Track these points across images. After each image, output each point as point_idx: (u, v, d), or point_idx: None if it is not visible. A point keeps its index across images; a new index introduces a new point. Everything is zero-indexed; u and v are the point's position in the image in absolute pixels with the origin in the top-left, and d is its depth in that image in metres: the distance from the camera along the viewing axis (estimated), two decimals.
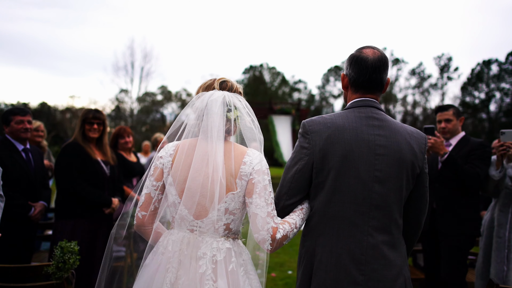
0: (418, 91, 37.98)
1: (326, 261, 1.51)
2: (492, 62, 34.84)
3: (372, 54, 1.59)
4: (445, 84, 37.02)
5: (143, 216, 1.58)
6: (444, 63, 36.92)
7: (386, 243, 1.52)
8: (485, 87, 34.60)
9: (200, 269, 1.45)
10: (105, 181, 3.11)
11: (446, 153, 2.88)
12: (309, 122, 1.60)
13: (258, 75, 43.57)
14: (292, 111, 8.65)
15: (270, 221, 1.46)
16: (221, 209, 1.49)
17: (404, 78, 38.60)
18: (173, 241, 1.52)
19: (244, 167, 1.51)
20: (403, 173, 1.54)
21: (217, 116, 1.52)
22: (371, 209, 1.51)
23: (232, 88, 1.63)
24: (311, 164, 1.55)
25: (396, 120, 1.64)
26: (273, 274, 4.92)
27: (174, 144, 1.59)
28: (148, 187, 1.58)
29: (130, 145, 3.97)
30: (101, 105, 35.79)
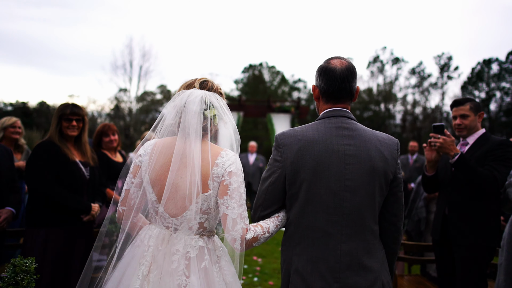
0: (418, 90, 37.84)
1: (302, 269, 1.55)
2: (492, 61, 34.76)
3: (340, 65, 1.64)
4: (445, 83, 36.92)
5: (123, 211, 1.66)
6: (444, 62, 36.82)
7: (361, 249, 1.55)
8: (486, 87, 34.49)
9: (173, 264, 1.49)
10: (84, 184, 2.79)
11: (457, 154, 2.56)
12: (281, 135, 1.65)
13: (258, 74, 43.26)
14: (292, 109, 8.41)
15: (241, 222, 1.50)
16: (194, 209, 1.53)
17: (404, 77, 38.50)
18: (150, 236, 1.57)
19: (216, 169, 1.54)
20: (375, 181, 1.57)
21: (194, 114, 1.54)
22: (344, 217, 1.55)
23: (212, 88, 1.65)
24: (283, 176, 1.60)
25: (367, 128, 1.66)
26: (271, 282, 4.61)
27: (152, 142, 1.62)
28: (128, 183, 1.65)
29: (115, 144, 3.65)
30: (100, 104, 35.51)
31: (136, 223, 1.68)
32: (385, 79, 39.16)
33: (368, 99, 39.28)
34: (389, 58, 38.79)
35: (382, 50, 39.50)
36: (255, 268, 5.09)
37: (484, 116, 20.42)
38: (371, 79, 39.86)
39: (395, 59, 38.50)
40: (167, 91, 39.19)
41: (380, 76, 39.36)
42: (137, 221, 1.68)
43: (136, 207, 1.64)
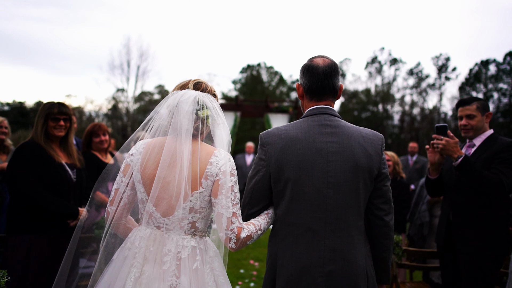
0: (416, 91, 37.87)
1: (287, 264, 1.58)
2: (490, 62, 34.81)
3: (322, 62, 1.67)
4: (443, 84, 36.98)
5: (113, 211, 1.64)
6: (442, 63, 36.88)
7: (346, 245, 1.57)
8: (483, 88, 34.56)
9: (164, 265, 1.49)
10: (71, 187, 2.63)
11: (460, 157, 2.43)
12: (265, 134, 1.67)
13: (256, 74, 43.13)
14: (290, 109, 8.30)
15: (236, 221, 1.51)
16: (186, 208, 1.53)
17: (402, 78, 38.52)
18: (141, 237, 1.56)
19: (210, 167, 1.55)
20: (359, 177, 1.59)
21: (186, 114, 1.54)
22: (328, 214, 1.57)
23: (206, 89, 1.66)
24: (268, 175, 1.63)
25: (351, 125, 1.67)
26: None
27: (145, 142, 1.62)
28: (118, 182, 1.64)
29: (106, 145, 3.49)
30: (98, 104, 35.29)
31: (125, 224, 1.66)
32: (383, 79, 39.19)
33: (366, 100, 39.27)
34: (387, 59, 38.81)
35: (380, 51, 39.53)
36: (251, 273, 4.97)
37: None
38: (369, 80, 39.89)
39: (393, 60, 38.51)
40: (165, 91, 38.95)
41: (378, 76, 39.38)
42: (126, 222, 1.66)
43: (126, 208, 1.62)
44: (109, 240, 1.64)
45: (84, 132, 3.45)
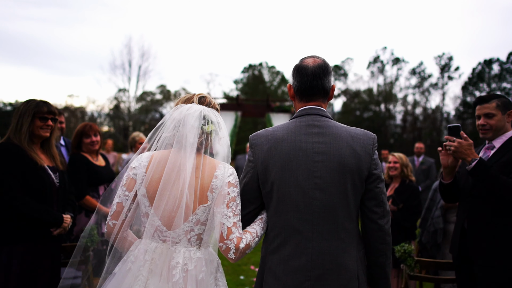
0: (419, 90, 37.73)
1: (275, 268, 1.56)
2: (493, 61, 34.57)
3: (312, 63, 1.65)
4: (446, 83, 36.83)
5: (114, 225, 1.61)
6: (444, 62, 36.72)
7: (334, 248, 1.54)
8: (486, 87, 34.31)
9: (174, 278, 1.49)
10: (54, 193, 2.42)
11: (474, 160, 2.21)
12: (254, 136, 1.68)
13: (258, 74, 43.02)
14: (292, 109, 8.09)
15: (235, 231, 1.52)
16: (193, 221, 1.55)
17: (405, 77, 38.42)
18: (145, 250, 1.55)
19: (215, 181, 1.57)
20: (347, 178, 1.55)
21: (192, 128, 1.56)
22: (315, 216, 1.54)
23: (210, 104, 1.68)
24: (256, 176, 1.63)
25: (340, 125, 1.64)
26: None
27: (149, 154, 1.62)
28: (120, 196, 1.60)
29: (97, 146, 3.29)
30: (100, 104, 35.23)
31: (126, 237, 1.65)
32: (386, 79, 39.03)
33: (368, 100, 39.09)
34: (389, 58, 38.65)
35: (383, 50, 39.34)
36: (252, 279, 4.77)
37: None
38: (371, 80, 39.75)
39: (395, 60, 38.36)
40: (166, 91, 38.92)
41: (380, 76, 39.23)
42: (126, 235, 1.65)
43: (127, 222, 1.61)
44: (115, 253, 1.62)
45: (73, 132, 3.24)
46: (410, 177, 3.74)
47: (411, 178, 3.75)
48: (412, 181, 3.76)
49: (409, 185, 3.74)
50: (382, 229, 1.61)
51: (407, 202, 3.63)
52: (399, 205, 3.63)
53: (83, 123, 3.32)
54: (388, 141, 36.07)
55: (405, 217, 3.60)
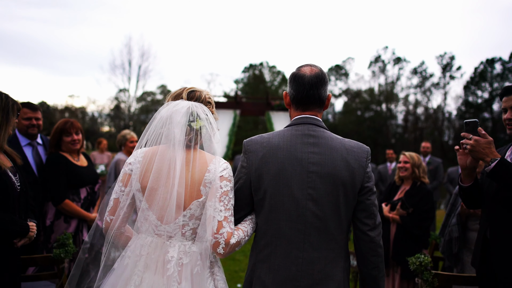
0: (420, 90, 37.51)
1: (264, 277, 1.56)
2: (495, 61, 34.32)
3: (309, 72, 1.64)
4: (448, 83, 36.64)
5: (111, 220, 1.62)
6: (446, 62, 36.52)
7: (324, 258, 1.55)
8: (489, 86, 34.05)
9: (168, 272, 1.50)
10: (15, 198, 2.08)
11: (494, 160, 1.92)
12: (248, 141, 1.65)
13: (258, 74, 42.78)
14: None
15: (227, 225, 1.51)
16: (187, 215, 1.55)
17: (406, 77, 38.25)
18: (141, 245, 1.56)
19: (208, 175, 1.56)
20: (339, 190, 1.55)
21: (179, 125, 1.55)
22: (307, 226, 1.54)
23: (200, 98, 1.65)
24: (249, 182, 1.61)
25: (336, 136, 1.64)
26: None
27: (143, 150, 1.62)
28: (117, 192, 1.62)
29: (79, 146, 2.99)
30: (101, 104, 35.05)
31: (124, 233, 1.66)
32: (387, 79, 38.80)
33: (369, 99, 38.85)
34: (390, 57, 38.43)
35: (384, 50, 39.11)
36: None
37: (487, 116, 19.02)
38: (372, 79, 39.52)
39: (396, 59, 38.16)
40: (167, 91, 38.69)
41: (381, 76, 39.01)
42: (125, 231, 1.66)
43: (125, 217, 1.61)
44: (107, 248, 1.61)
45: (52, 130, 2.93)
46: (422, 178, 3.37)
47: (424, 180, 3.38)
48: (424, 183, 3.39)
49: (421, 187, 3.37)
50: (373, 241, 1.60)
51: (418, 206, 3.29)
52: (409, 209, 3.29)
53: (63, 119, 3.01)
54: (389, 141, 35.84)
55: (415, 223, 3.27)
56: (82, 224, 2.90)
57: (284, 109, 8.16)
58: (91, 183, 3.01)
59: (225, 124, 8.23)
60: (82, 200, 2.93)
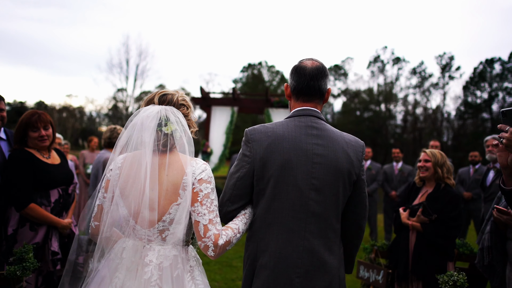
0: (419, 90, 37.31)
1: (266, 264, 1.59)
2: (495, 61, 34.15)
3: (310, 64, 1.70)
4: (447, 83, 36.49)
5: (96, 226, 1.65)
6: (445, 62, 36.39)
7: (322, 246, 1.60)
8: (488, 87, 33.88)
9: (145, 275, 1.50)
10: None
11: None
12: (251, 130, 1.67)
13: (257, 73, 42.44)
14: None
15: (213, 228, 1.53)
16: (167, 220, 1.54)
17: (405, 77, 38.06)
18: (123, 248, 1.58)
19: (186, 178, 1.56)
20: (339, 181, 1.61)
21: (148, 130, 1.55)
22: (308, 215, 1.59)
23: (172, 101, 1.64)
24: (252, 171, 1.63)
25: (335, 129, 1.70)
26: None
27: (123, 156, 1.63)
28: (100, 198, 1.64)
29: (48, 142, 2.55)
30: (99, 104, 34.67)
31: (110, 237, 1.64)
32: (386, 79, 38.58)
33: (368, 99, 38.60)
34: (390, 58, 38.20)
35: (383, 50, 38.88)
36: None
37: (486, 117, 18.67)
38: (371, 79, 39.30)
39: (396, 59, 37.96)
40: None
41: (380, 76, 38.78)
42: (110, 235, 1.64)
43: (109, 222, 1.60)
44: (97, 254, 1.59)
45: (16, 124, 2.49)
46: (447, 179, 2.90)
47: (449, 181, 2.90)
48: (449, 185, 2.91)
49: (445, 190, 2.87)
50: (361, 228, 1.73)
51: (442, 212, 2.79)
52: (431, 216, 2.80)
53: (30, 111, 2.54)
54: (388, 141, 35.62)
55: (439, 232, 2.77)
56: (51, 232, 2.47)
57: (285, 105, 7.73)
58: (64, 184, 2.58)
59: (222, 122, 7.79)
60: (52, 203, 2.49)
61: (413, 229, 2.90)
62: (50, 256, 2.41)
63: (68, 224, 2.54)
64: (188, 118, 1.66)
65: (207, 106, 7.92)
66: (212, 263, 5.21)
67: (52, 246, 2.42)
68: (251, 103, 8.23)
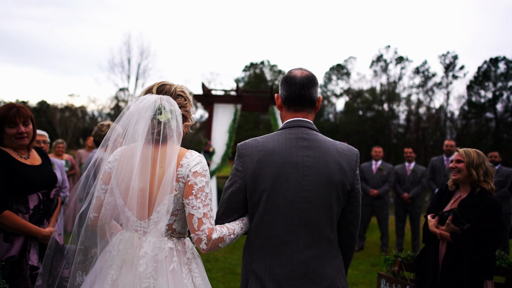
0: (422, 90, 37.07)
1: (260, 275, 1.61)
2: (499, 60, 33.85)
3: (300, 74, 1.72)
4: (450, 83, 36.21)
5: (95, 218, 1.65)
6: (449, 61, 36.12)
7: (317, 257, 1.61)
8: (492, 86, 33.55)
9: (140, 267, 1.50)
10: None
11: None
12: (243, 145, 1.70)
13: (259, 72, 42.18)
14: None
15: (207, 221, 1.53)
16: (162, 211, 1.55)
17: (408, 77, 37.81)
18: (120, 240, 1.60)
19: (181, 169, 1.57)
20: (332, 192, 1.62)
21: (143, 119, 1.55)
22: (301, 227, 1.60)
23: (169, 91, 1.66)
24: (244, 186, 1.65)
25: (328, 139, 1.70)
26: None
27: (121, 149, 1.64)
28: (98, 190, 1.65)
29: (28, 140, 2.22)
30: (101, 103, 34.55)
31: (109, 230, 1.65)
32: (389, 78, 38.31)
33: (371, 99, 38.33)
34: (392, 57, 37.94)
35: (386, 49, 38.58)
36: None
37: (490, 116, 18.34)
38: (374, 79, 39.03)
39: (399, 58, 37.70)
40: None
41: (383, 75, 38.50)
42: (109, 228, 1.66)
43: (109, 213, 1.62)
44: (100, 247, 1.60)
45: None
46: (483, 183, 2.49)
47: (486, 185, 2.50)
48: (486, 190, 2.51)
49: (481, 196, 2.48)
50: (353, 238, 1.74)
51: (476, 222, 2.42)
52: (463, 225, 2.43)
53: (7, 104, 2.20)
54: (391, 141, 35.33)
55: (470, 244, 2.39)
56: (30, 243, 2.13)
57: None
58: (46, 188, 2.24)
59: (224, 120, 7.44)
60: (31, 210, 2.16)
61: (442, 239, 2.54)
62: (28, 271, 2.08)
63: (50, 233, 2.21)
64: (186, 110, 1.66)
65: (209, 103, 7.58)
66: (214, 270, 4.88)
67: (31, 260, 2.09)
68: (255, 100, 7.87)
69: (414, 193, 6.07)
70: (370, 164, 6.48)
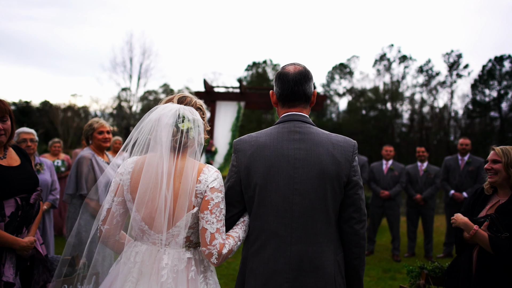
0: (426, 89, 36.77)
1: (256, 269, 1.62)
2: (504, 58, 33.50)
3: (293, 69, 1.71)
4: (454, 82, 35.91)
5: (106, 230, 1.66)
6: (453, 60, 35.80)
7: (312, 252, 1.59)
8: (497, 85, 33.20)
9: (162, 278, 1.53)
10: None
11: None
12: (237, 141, 1.73)
13: (262, 72, 41.98)
14: None
15: (219, 237, 1.56)
16: (181, 225, 1.57)
17: (412, 76, 37.53)
18: (136, 252, 1.60)
19: (199, 186, 1.59)
20: (326, 184, 1.60)
21: (166, 127, 1.57)
22: (294, 220, 1.60)
23: (190, 103, 1.69)
24: (239, 181, 1.68)
25: (322, 131, 1.69)
26: None
27: (133, 160, 1.65)
28: (109, 202, 1.65)
29: (4, 138, 1.93)
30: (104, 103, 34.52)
31: (119, 240, 1.69)
32: (392, 77, 38.03)
33: (374, 98, 38.05)
34: (396, 56, 37.66)
35: (389, 48, 38.29)
36: None
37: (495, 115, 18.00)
38: (377, 78, 38.76)
39: (402, 57, 37.43)
40: (170, 90, 37.99)
41: (387, 74, 38.22)
42: (119, 238, 1.69)
43: (119, 225, 1.66)
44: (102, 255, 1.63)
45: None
46: None
47: None
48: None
49: None
50: (357, 233, 1.67)
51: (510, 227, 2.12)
52: (501, 233, 2.15)
53: None
54: (394, 140, 35.03)
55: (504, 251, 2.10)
56: (5, 255, 1.85)
57: None
58: (25, 192, 1.96)
59: (227, 118, 7.17)
60: (7, 217, 1.88)
61: (476, 239, 2.19)
62: None
63: (30, 243, 1.93)
64: (203, 122, 1.69)
65: (211, 101, 7.30)
66: (217, 276, 4.61)
67: (5, 275, 1.80)
68: (259, 97, 7.58)
69: (427, 195, 5.75)
70: (380, 164, 6.17)
